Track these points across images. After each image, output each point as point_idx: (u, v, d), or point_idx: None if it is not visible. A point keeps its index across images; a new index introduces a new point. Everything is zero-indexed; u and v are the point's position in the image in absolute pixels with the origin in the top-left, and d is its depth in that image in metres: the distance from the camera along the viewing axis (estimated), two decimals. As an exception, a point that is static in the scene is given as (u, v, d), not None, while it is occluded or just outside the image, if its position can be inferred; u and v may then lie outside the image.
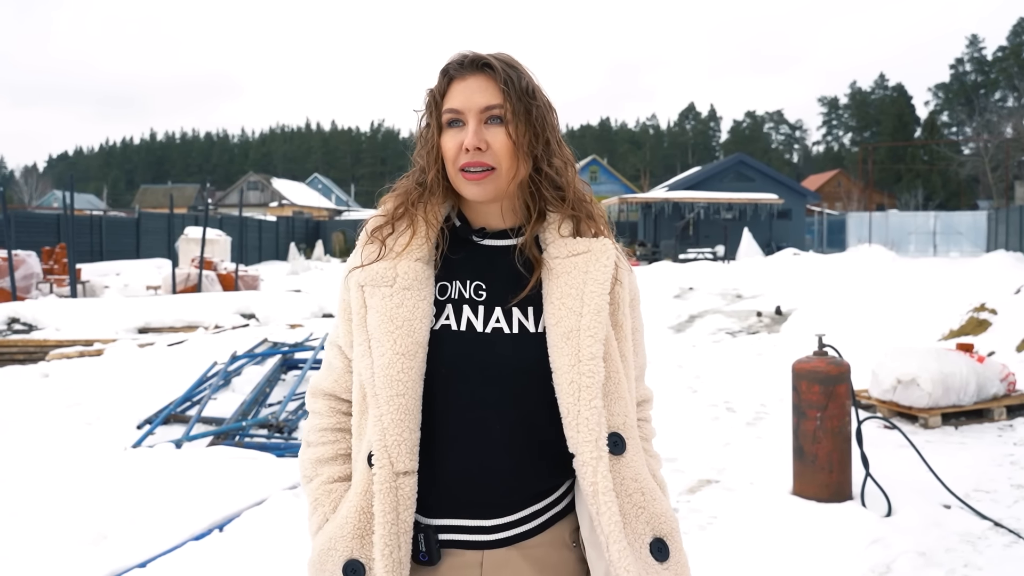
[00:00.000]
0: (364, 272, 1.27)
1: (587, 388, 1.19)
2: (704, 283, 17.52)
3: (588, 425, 1.19)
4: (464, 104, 1.24)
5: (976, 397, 5.96)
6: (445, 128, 1.27)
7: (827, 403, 4.09)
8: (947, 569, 3.38)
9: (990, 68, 71.00)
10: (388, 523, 1.18)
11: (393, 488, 1.18)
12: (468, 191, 1.26)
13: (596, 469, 1.19)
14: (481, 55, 1.27)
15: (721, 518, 3.99)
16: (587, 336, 1.21)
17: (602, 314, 1.24)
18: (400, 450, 1.18)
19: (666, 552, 1.24)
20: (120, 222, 27.14)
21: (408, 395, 1.20)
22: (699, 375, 7.98)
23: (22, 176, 70.54)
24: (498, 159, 1.24)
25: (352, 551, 1.22)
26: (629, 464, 1.24)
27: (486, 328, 1.25)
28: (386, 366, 1.20)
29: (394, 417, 1.19)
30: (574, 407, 1.19)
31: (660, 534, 1.25)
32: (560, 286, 1.26)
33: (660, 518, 1.25)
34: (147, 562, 3.33)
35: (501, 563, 1.24)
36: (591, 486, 1.19)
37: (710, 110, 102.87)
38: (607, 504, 1.18)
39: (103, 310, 10.52)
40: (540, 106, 1.27)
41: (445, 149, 1.26)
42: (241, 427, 5.28)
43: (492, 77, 1.25)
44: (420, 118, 1.32)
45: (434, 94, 1.28)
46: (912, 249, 33.45)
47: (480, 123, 1.24)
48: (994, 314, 8.68)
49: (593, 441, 1.19)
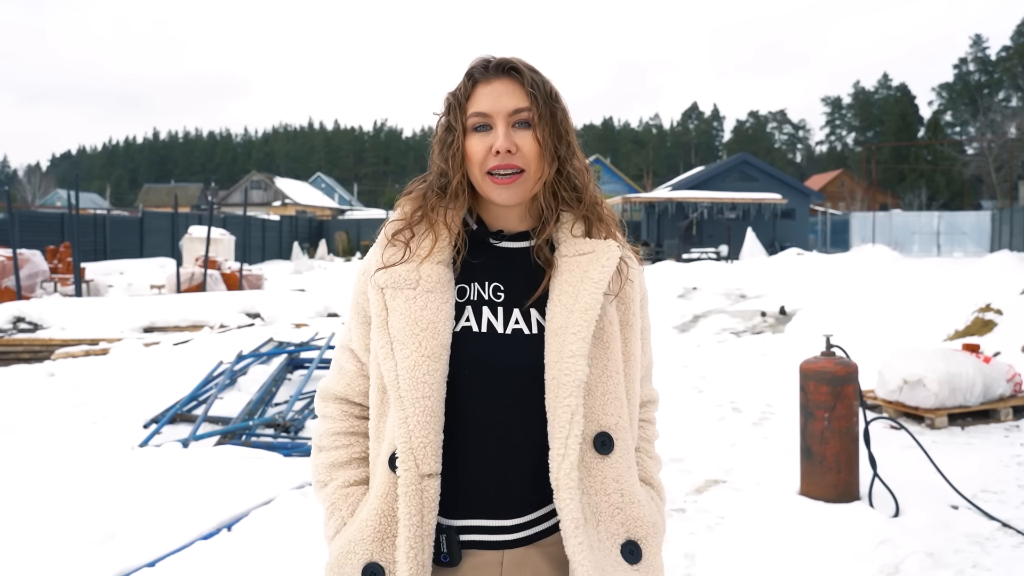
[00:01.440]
0: (386, 274, 1.27)
1: (564, 385, 1.20)
2: (708, 283, 17.53)
3: (559, 422, 1.20)
4: (492, 107, 1.25)
5: (983, 398, 5.96)
6: (470, 132, 1.27)
7: (835, 403, 4.09)
8: (956, 570, 3.38)
9: (994, 68, 70.82)
10: (413, 525, 1.18)
11: (418, 490, 1.18)
12: (497, 194, 1.26)
13: (560, 466, 1.20)
14: (507, 59, 1.27)
15: (729, 518, 3.99)
16: (571, 334, 1.22)
17: (591, 312, 1.23)
18: (426, 452, 1.19)
19: (639, 555, 1.25)
20: (124, 221, 27.19)
21: (433, 397, 1.20)
22: (704, 375, 7.98)
23: (25, 175, 70.60)
24: (527, 161, 1.25)
25: (372, 554, 1.22)
26: (613, 465, 1.24)
27: (506, 329, 1.26)
28: (411, 368, 1.20)
29: (420, 419, 1.19)
30: (552, 402, 1.21)
31: (634, 537, 1.25)
32: (560, 284, 1.27)
33: (637, 521, 1.26)
34: (156, 561, 3.34)
35: (520, 562, 1.24)
36: (554, 481, 1.20)
37: (713, 109, 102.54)
38: (566, 500, 1.19)
39: (108, 309, 10.54)
40: (562, 109, 1.29)
41: (471, 152, 1.26)
42: (248, 426, 5.28)
43: (518, 81, 1.26)
44: (439, 121, 1.31)
45: (458, 97, 1.28)
46: (916, 249, 33.41)
47: (508, 126, 1.25)
48: (999, 314, 8.67)
49: (562, 438, 1.20)
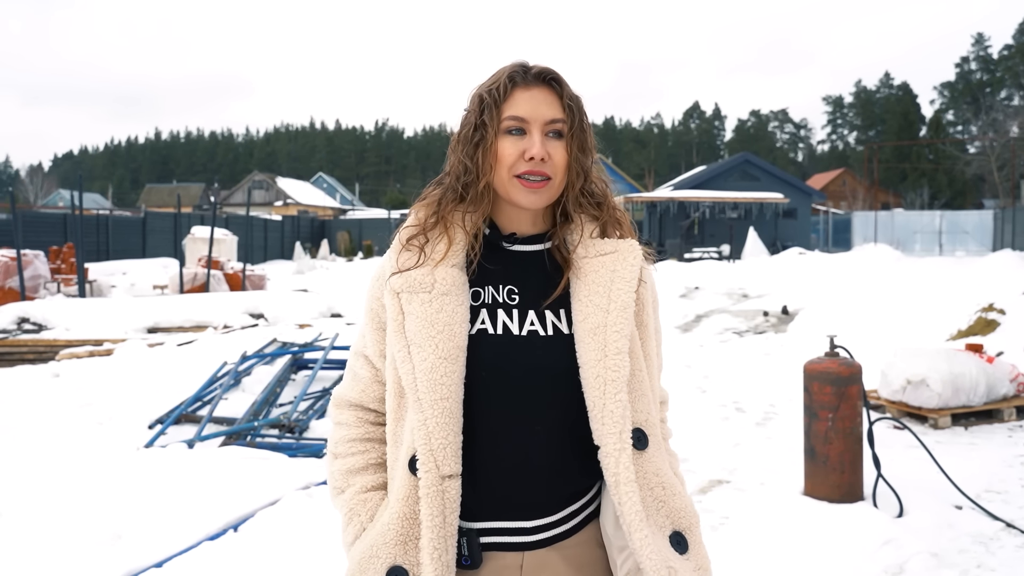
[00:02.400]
0: (402, 279, 1.28)
1: (612, 382, 1.22)
2: (710, 282, 17.54)
3: (613, 418, 1.21)
4: (530, 114, 1.27)
5: (986, 398, 5.97)
6: (502, 134, 1.28)
7: (839, 404, 4.10)
8: (960, 570, 3.38)
9: (996, 67, 70.65)
10: (435, 527, 1.19)
11: (440, 492, 1.19)
12: (524, 198, 1.28)
13: (619, 460, 1.21)
14: (548, 69, 1.30)
15: (733, 518, 4.00)
16: (613, 332, 1.24)
17: (628, 310, 1.26)
18: (446, 453, 1.20)
19: (685, 545, 1.27)
20: (126, 221, 27.19)
21: (452, 399, 1.21)
22: (707, 375, 7.99)
23: (27, 175, 70.63)
24: (555, 170, 1.28)
25: (395, 558, 1.22)
26: (651, 459, 1.27)
27: (522, 331, 1.27)
28: (429, 370, 1.21)
29: (439, 420, 1.20)
30: (600, 400, 1.22)
31: (679, 527, 1.28)
32: (588, 284, 1.29)
33: (680, 512, 1.28)
34: (163, 562, 3.36)
35: (540, 564, 1.26)
36: (613, 477, 1.21)
37: (715, 109, 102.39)
38: (628, 494, 1.20)
39: (112, 310, 10.56)
40: (589, 124, 1.32)
41: (503, 154, 1.27)
42: (253, 427, 5.30)
43: (557, 92, 1.29)
44: (466, 118, 1.31)
45: (494, 97, 1.28)
46: (918, 248, 33.37)
47: (543, 134, 1.27)
48: (1002, 314, 8.67)
49: (617, 433, 1.21)
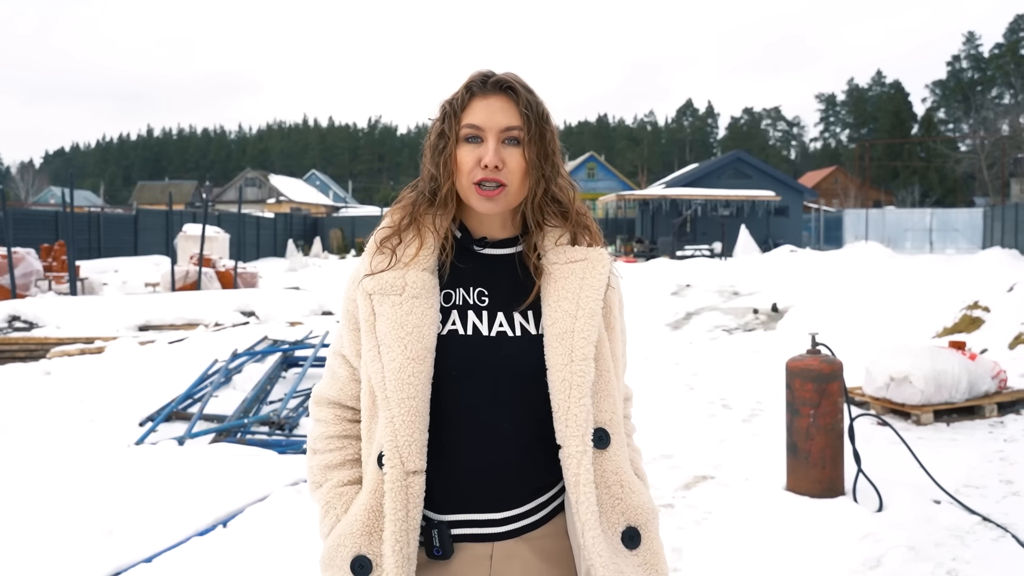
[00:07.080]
0: (374, 281, 1.33)
1: (578, 387, 1.27)
2: (701, 280, 17.60)
3: (576, 421, 1.27)
4: (485, 122, 1.30)
5: (968, 394, 6.04)
6: (462, 142, 1.32)
7: (820, 400, 4.16)
8: (936, 563, 3.45)
9: (987, 65, 70.93)
10: (398, 520, 1.25)
11: (404, 486, 1.25)
12: (480, 205, 1.32)
13: (580, 462, 1.27)
14: (505, 77, 1.33)
15: (716, 513, 4.06)
16: (580, 338, 1.29)
17: (595, 318, 1.31)
18: (411, 450, 1.25)
19: (637, 540, 1.32)
20: (118, 219, 27.12)
21: (418, 398, 1.26)
22: (696, 372, 8.05)
23: (18, 172, 70.23)
24: (511, 178, 1.31)
25: (360, 547, 1.29)
26: (612, 458, 1.32)
27: (491, 332, 1.33)
28: (397, 370, 1.26)
29: (405, 419, 1.25)
30: (564, 403, 1.27)
31: (633, 523, 1.33)
32: (558, 290, 1.33)
33: (636, 509, 1.33)
34: (153, 557, 3.39)
35: (509, 554, 1.32)
36: (574, 476, 1.27)
37: (708, 107, 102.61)
38: (586, 495, 1.26)
39: (103, 308, 10.57)
40: (552, 130, 1.35)
41: (461, 162, 1.31)
42: (243, 424, 5.34)
43: (513, 100, 1.32)
44: (433, 126, 1.36)
45: (454, 106, 1.33)
46: (909, 246, 33.55)
47: (499, 142, 1.31)
48: (987, 312, 8.76)
49: (580, 436, 1.27)
